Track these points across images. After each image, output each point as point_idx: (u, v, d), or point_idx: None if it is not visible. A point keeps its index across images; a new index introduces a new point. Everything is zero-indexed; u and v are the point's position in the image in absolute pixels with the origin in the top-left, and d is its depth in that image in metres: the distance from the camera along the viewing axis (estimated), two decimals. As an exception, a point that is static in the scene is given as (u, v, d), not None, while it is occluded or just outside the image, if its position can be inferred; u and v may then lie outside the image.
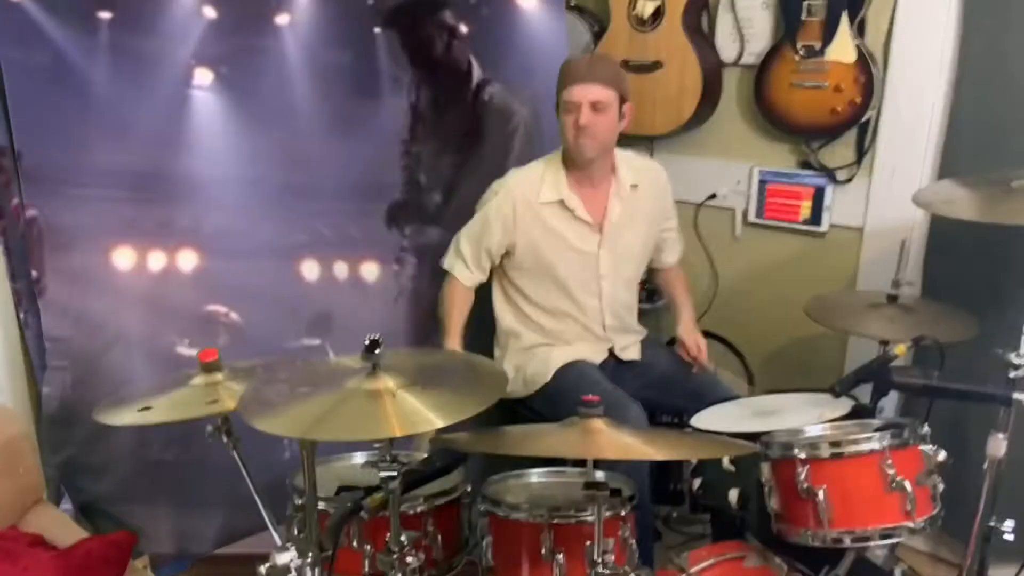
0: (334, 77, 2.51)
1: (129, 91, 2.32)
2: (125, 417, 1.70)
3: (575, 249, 2.34)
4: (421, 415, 1.42)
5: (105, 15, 2.27)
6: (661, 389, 2.45)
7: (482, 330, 2.54)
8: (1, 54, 2.17)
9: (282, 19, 2.43)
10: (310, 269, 2.59)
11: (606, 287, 2.39)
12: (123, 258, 2.37)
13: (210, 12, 2.36)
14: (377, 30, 2.53)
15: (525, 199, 2.31)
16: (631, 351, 2.48)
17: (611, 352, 2.45)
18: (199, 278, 2.44)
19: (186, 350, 2.43)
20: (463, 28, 2.66)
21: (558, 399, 1.73)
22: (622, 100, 2.24)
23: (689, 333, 2.48)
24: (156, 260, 2.39)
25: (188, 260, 2.43)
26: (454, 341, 2.40)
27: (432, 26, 2.64)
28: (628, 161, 2.39)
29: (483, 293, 2.50)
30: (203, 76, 2.39)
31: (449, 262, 2.43)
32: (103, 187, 2.34)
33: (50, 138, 2.27)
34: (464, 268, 2.40)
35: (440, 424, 1.41)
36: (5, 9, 2.18)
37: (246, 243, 2.48)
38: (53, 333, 2.31)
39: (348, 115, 2.51)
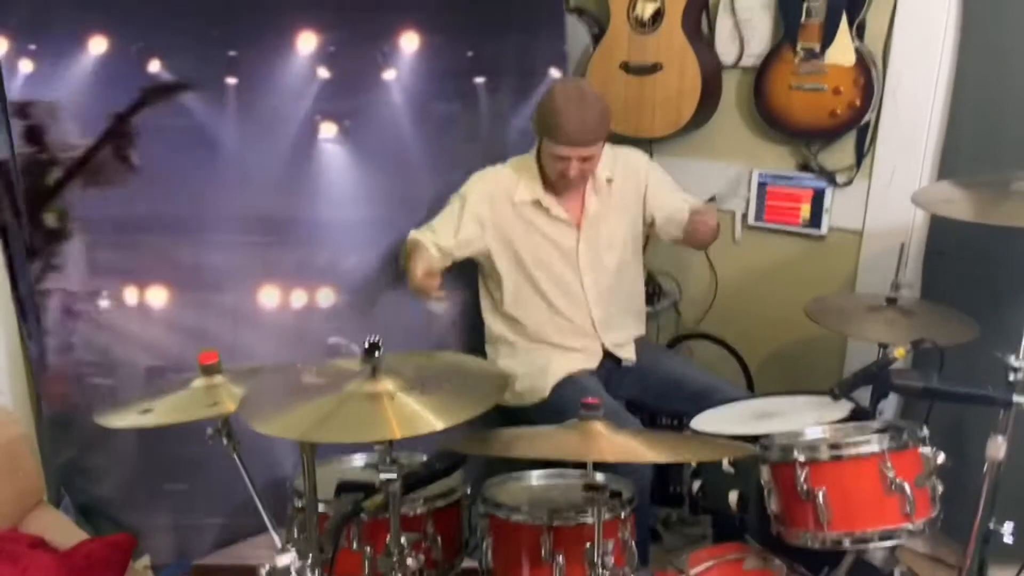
0: (440, 124, 2.68)
1: (259, 146, 2.55)
2: (125, 420, 1.70)
3: (554, 244, 2.37)
4: (421, 417, 1.42)
5: (231, 80, 2.54)
6: (661, 393, 2.45)
7: (477, 333, 2.56)
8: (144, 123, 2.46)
9: (389, 75, 2.63)
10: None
11: (588, 280, 2.40)
12: (268, 297, 2.60)
13: (324, 72, 2.58)
14: (478, 80, 2.69)
15: (502, 196, 2.35)
16: (626, 349, 2.47)
17: (607, 353, 2.45)
18: (334, 312, 2.62)
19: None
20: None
21: (558, 417, 1.75)
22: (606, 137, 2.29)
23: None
24: (298, 298, 2.61)
25: (327, 296, 2.63)
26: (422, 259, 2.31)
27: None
28: (602, 155, 2.39)
29: (474, 300, 2.53)
30: (328, 129, 2.61)
31: (415, 233, 2.41)
32: (244, 233, 2.56)
33: (186, 192, 2.52)
34: (430, 233, 2.38)
35: (440, 426, 1.41)
36: (145, 81, 2.47)
37: (376, 280, 2.63)
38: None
39: (455, 158, 2.63)
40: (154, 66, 2.47)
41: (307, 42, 2.56)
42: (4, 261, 2.28)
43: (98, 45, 2.45)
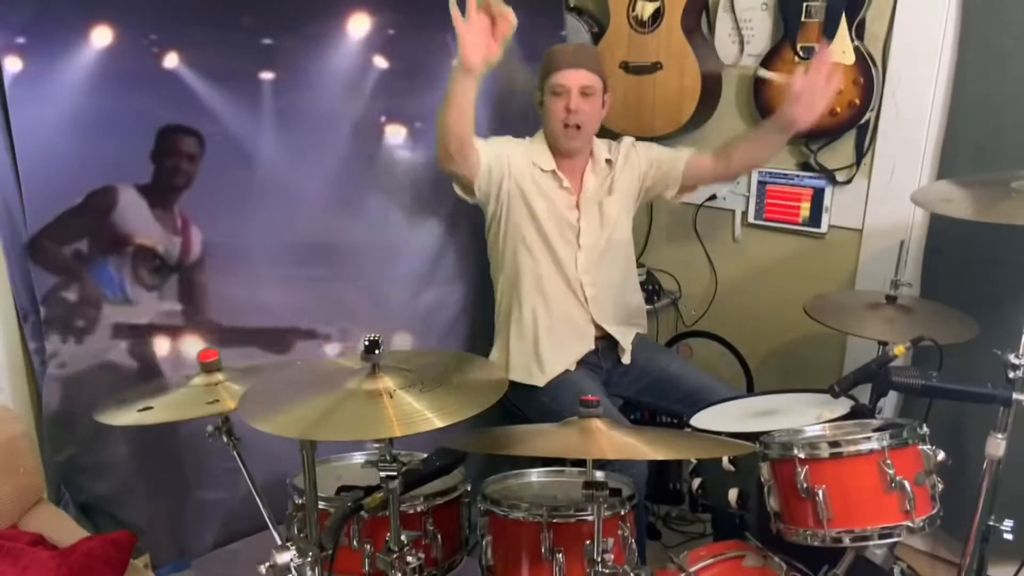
0: (528, 119, 2.34)
1: (307, 156, 2.09)
2: (125, 417, 1.70)
3: (557, 212, 2.38)
4: (421, 415, 1.42)
5: (268, 76, 2.06)
6: (656, 392, 2.46)
7: (481, 328, 2.55)
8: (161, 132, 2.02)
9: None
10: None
11: (582, 258, 2.40)
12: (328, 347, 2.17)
13: (382, 62, 2.09)
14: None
15: (523, 155, 2.35)
16: (623, 336, 2.48)
17: (600, 350, 2.45)
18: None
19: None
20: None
21: (556, 418, 1.75)
22: (604, 88, 2.35)
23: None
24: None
25: (404, 342, 2.24)
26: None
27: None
28: (602, 143, 2.47)
29: (483, 287, 2.51)
30: (395, 133, 2.17)
31: None
32: (294, 265, 2.12)
33: (219, 216, 2.08)
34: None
35: (440, 424, 1.41)
36: (160, 80, 2.01)
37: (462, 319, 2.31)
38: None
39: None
40: (171, 61, 2.02)
41: (359, 25, 2.12)
42: (2, 255, 2.27)
43: (102, 37, 1.97)
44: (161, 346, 2.18)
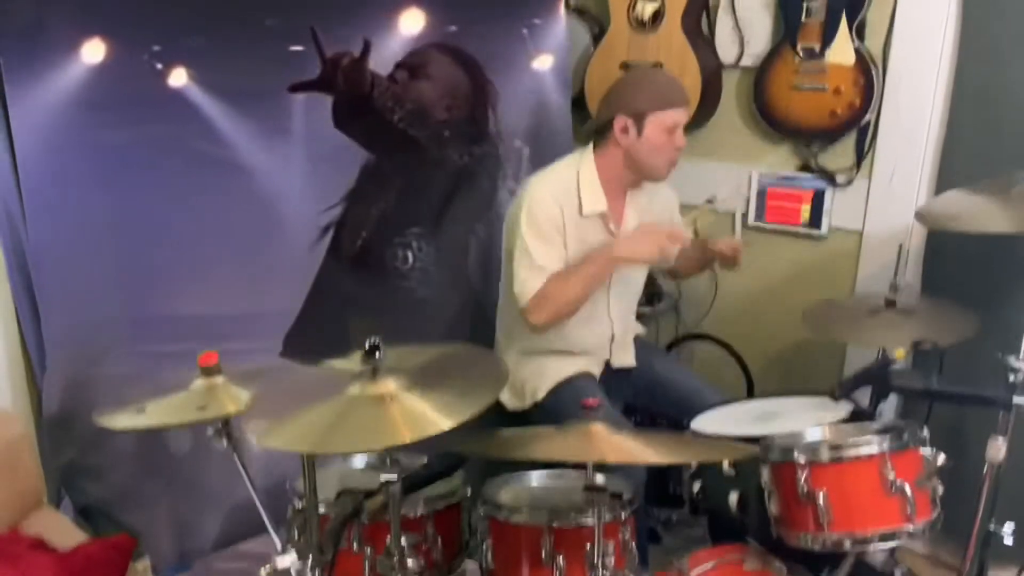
0: None
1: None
2: (124, 421, 1.69)
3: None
4: (427, 417, 1.38)
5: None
6: (649, 395, 2.46)
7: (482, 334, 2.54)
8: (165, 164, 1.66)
9: (541, 62, 1.85)
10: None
11: (614, 296, 2.37)
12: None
13: None
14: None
15: (570, 203, 2.19)
16: (626, 357, 2.47)
17: (607, 362, 2.45)
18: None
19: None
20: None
21: (558, 419, 1.74)
22: None
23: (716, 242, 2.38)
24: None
25: None
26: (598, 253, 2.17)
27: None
28: None
29: (487, 300, 2.50)
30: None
31: (527, 288, 2.15)
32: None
33: (234, 271, 1.76)
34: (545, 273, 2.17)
35: (447, 425, 1.36)
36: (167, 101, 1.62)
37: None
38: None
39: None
40: (178, 77, 1.67)
41: (412, 22, 1.79)
42: (2, 257, 2.27)
43: (94, 52, 1.62)
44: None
